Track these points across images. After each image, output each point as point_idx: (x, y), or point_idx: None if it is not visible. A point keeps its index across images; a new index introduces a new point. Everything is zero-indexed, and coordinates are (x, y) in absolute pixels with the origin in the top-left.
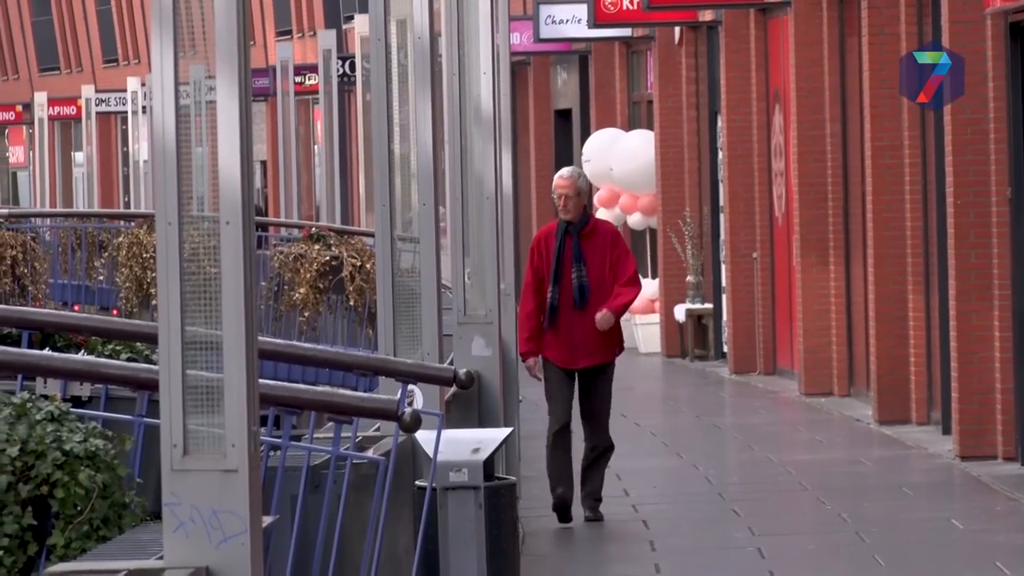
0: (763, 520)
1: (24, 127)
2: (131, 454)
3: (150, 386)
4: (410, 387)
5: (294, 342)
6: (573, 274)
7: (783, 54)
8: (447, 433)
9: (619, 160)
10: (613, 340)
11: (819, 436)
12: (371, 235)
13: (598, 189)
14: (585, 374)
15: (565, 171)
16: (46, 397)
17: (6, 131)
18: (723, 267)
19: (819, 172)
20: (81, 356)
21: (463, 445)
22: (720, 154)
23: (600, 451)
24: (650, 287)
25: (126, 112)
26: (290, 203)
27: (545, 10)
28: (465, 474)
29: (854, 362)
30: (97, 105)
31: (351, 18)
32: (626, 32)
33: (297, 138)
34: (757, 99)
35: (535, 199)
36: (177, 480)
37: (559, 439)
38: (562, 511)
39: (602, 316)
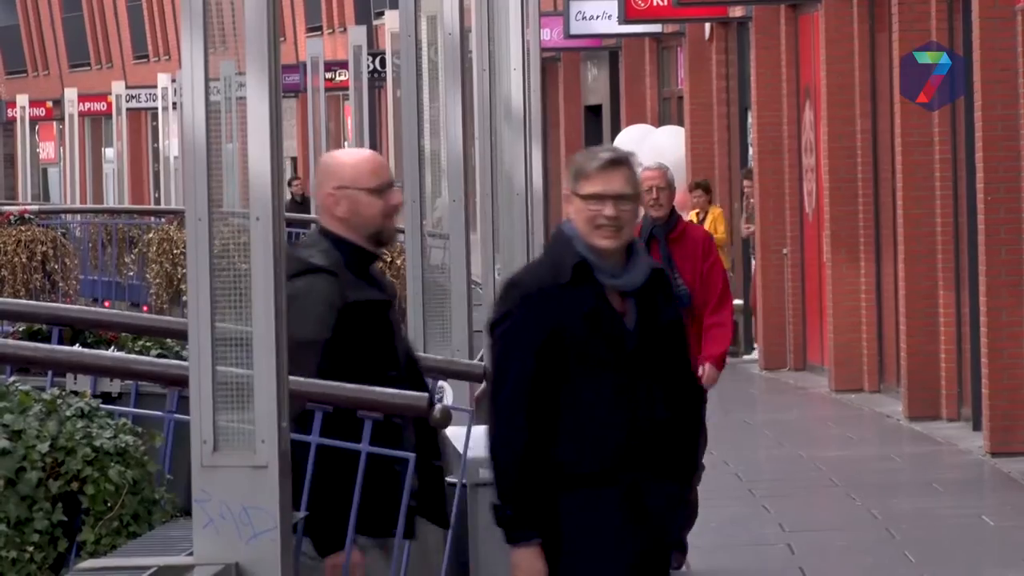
0: (793, 516)
1: (54, 123)
2: (161, 450)
3: (180, 382)
4: (440, 383)
5: None
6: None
7: (813, 50)
8: (477, 429)
9: (649, 156)
10: (714, 362)
11: (849, 432)
12: (401, 231)
13: None
14: None
15: (651, 163)
16: (76, 393)
17: (36, 127)
18: (753, 263)
19: (849, 168)
20: (111, 352)
21: None
22: (750, 150)
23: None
24: None
25: (156, 108)
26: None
27: (575, 6)
28: None
29: (884, 358)
30: (127, 101)
31: (381, 14)
32: (656, 28)
33: (327, 134)
34: (787, 95)
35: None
36: (207, 476)
37: None
38: None
39: (707, 376)
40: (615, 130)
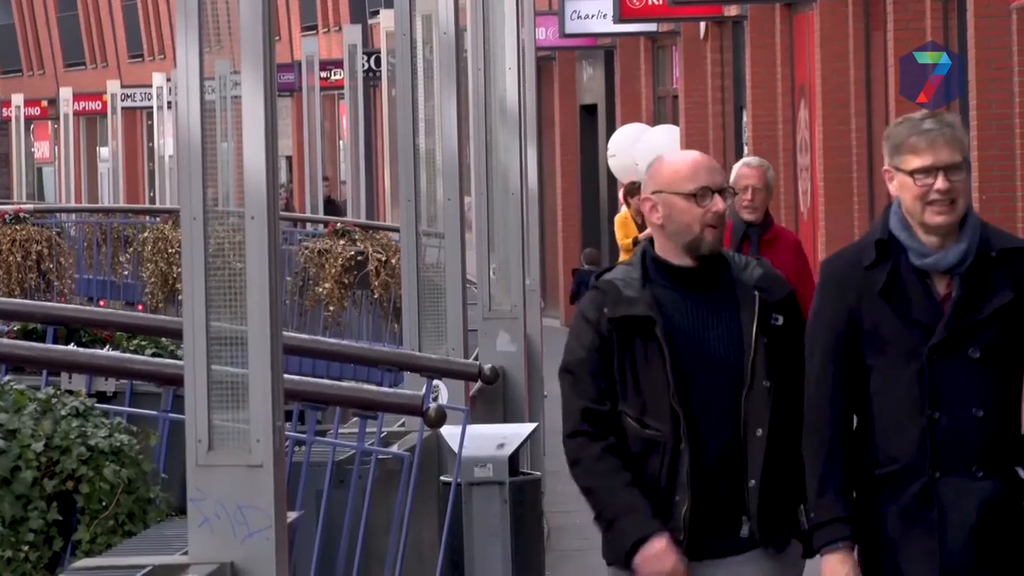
0: None
1: (49, 122)
2: (156, 449)
3: (175, 381)
4: (435, 382)
5: (319, 337)
6: None
7: (808, 49)
8: (472, 428)
9: (644, 155)
10: None
11: None
12: (396, 230)
13: (623, 185)
14: None
15: (752, 160)
16: (71, 392)
17: (31, 126)
18: None
19: (844, 167)
20: (106, 351)
21: (488, 440)
22: (745, 149)
23: None
24: None
25: (151, 107)
26: (315, 199)
27: (570, 5)
28: (490, 470)
29: None
30: (122, 100)
31: (376, 13)
32: (651, 27)
33: (322, 133)
34: (783, 94)
35: (560, 194)
36: (202, 476)
37: None
38: None
39: None
40: (610, 129)
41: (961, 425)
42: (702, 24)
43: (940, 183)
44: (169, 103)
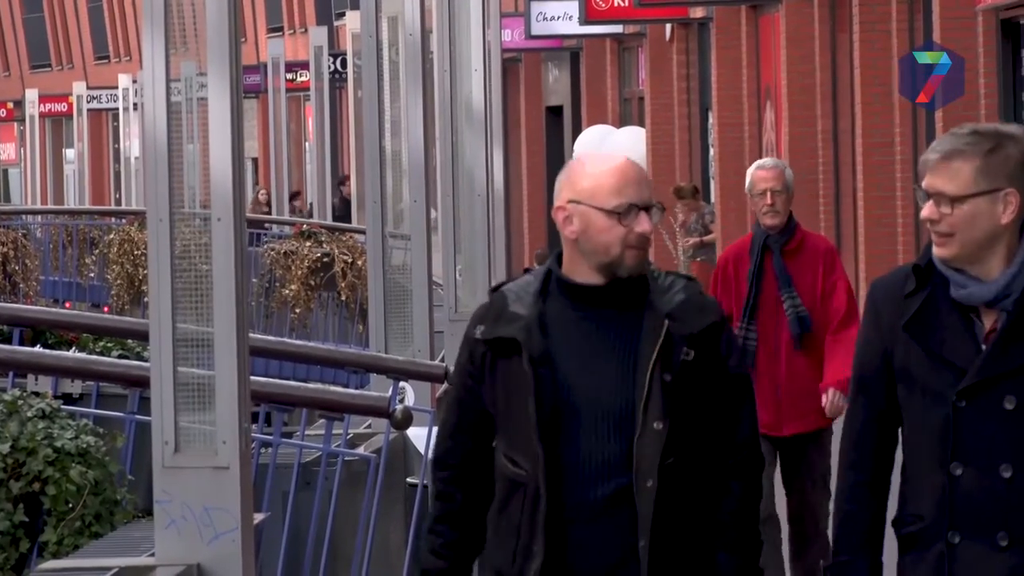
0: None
1: (15, 124)
2: (122, 451)
3: (141, 383)
4: (401, 384)
5: (285, 339)
6: (785, 303)
7: (774, 51)
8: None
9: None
10: (841, 388)
11: None
12: (362, 232)
13: None
14: (793, 444)
15: (767, 161)
16: (37, 394)
17: None
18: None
19: (810, 169)
20: (72, 353)
21: None
22: (711, 151)
23: (810, 548)
24: None
25: (117, 109)
26: (281, 200)
27: (536, 7)
28: None
29: None
30: (88, 102)
31: (343, 15)
32: (617, 29)
33: (288, 135)
34: (748, 96)
35: (526, 195)
36: (168, 477)
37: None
38: None
39: (831, 402)
40: (576, 131)
41: (986, 484)
42: (668, 26)
43: (925, 210)
44: (135, 105)
